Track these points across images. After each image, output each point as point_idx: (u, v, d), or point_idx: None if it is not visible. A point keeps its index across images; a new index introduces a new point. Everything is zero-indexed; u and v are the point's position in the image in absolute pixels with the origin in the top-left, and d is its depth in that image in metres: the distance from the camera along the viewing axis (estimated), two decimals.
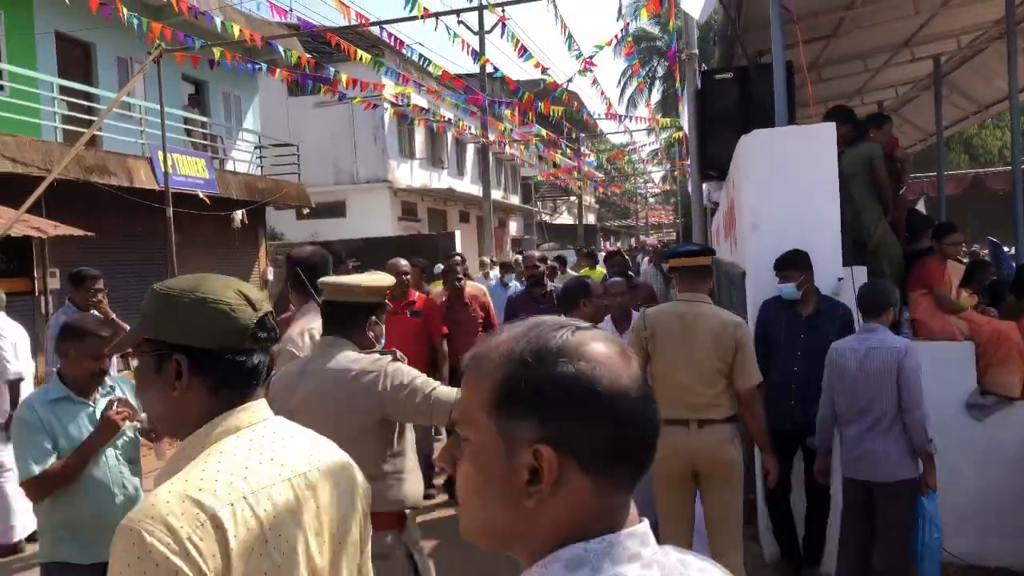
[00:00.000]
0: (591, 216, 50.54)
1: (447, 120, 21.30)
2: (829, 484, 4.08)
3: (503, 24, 12.67)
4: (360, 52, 12.12)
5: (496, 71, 16.68)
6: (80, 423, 2.99)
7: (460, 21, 14.97)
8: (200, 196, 12.93)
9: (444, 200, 27.69)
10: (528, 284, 6.77)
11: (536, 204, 38.45)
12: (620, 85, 41.64)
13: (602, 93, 25.03)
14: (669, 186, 49.51)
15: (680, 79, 12.35)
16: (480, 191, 22.72)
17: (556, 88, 15.02)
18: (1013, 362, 4.60)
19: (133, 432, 3.10)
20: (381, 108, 17.38)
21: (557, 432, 0.82)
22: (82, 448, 2.90)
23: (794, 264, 4.36)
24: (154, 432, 3.18)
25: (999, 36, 7.97)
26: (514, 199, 36.03)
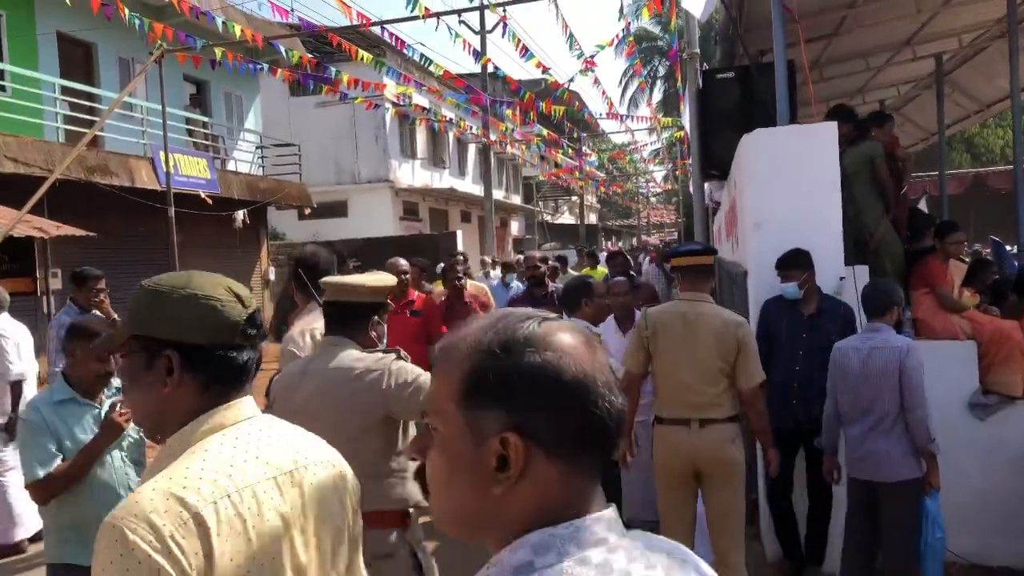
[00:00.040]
0: (593, 216, 50.53)
1: (448, 120, 21.30)
2: (837, 482, 4.07)
3: (504, 24, 12.68)
4: (361, 52, 12.13)
5: (497, 70, 16.69)
6: (85, 425, 2.98)
7: (461, 21, 14.99)
8: (202, 196, 12.95)
9: (446, 200, 27.70)
10: (529, 285, 6.70)
11: (538, 204, 38.45)
12: (621, 85, 41.70)
13: (603, 93, 25.01)
14: (671, 186, 49.54)
15: (681, 78, 12.35)
16: (482, 191, 22.72)
17: (557, 88, 15.03)
18: (1015, 361, 4.59)
19: (138, 433, 3.09)
20: (383, 108, 17.40)
21: (524, 420, 0.84)
22: (87, 450, 2.90)
23: (796, 263, 4.35)
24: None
25: (1001, 35, 7.96)
26: (516, 199, 36.03)
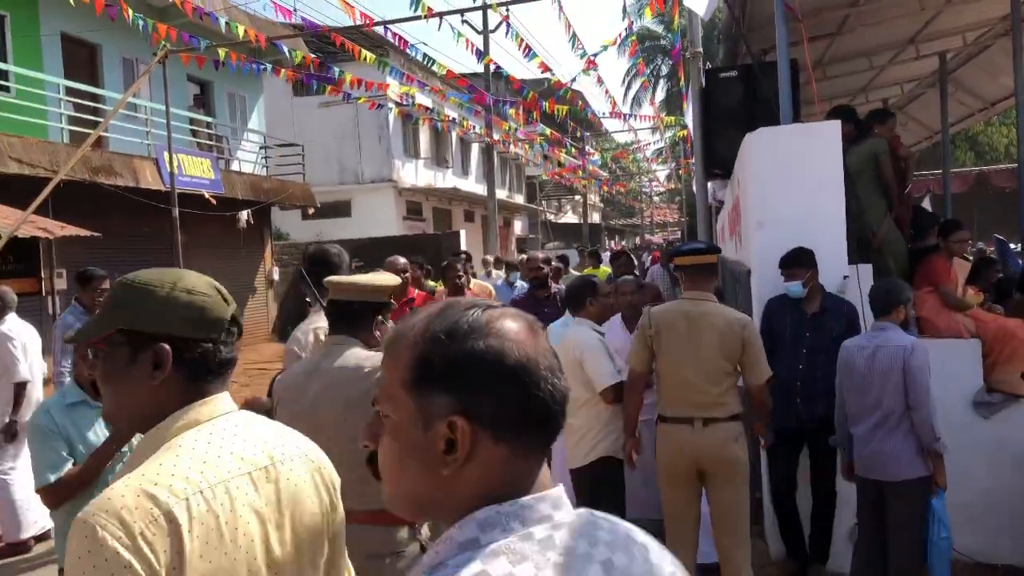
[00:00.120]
0: (596, 215, 50.53)
1: (451, 119, 21.30)
2: (854, 481, 4.06)
3: (507, 23, 12.67)
4: (364, 52, 12.14)
5: (500, 70, 16.69)
6: (97, 427, 2.95)
7: (464, 20, 14.99)
8: (206, 196, 12.97)
9: (449, 199, 27.72)
10: (532, 286, 6.60)
11: (541, 203, 38.44)
12: (624, 84, 41.67)
13: (606, 92, 25.01)
14: (674, 185, 49.49)
15: (684, 77, 12.33)
16: (485, 190, 22.75)
17: (560, 87, 15.03)
18: (1020, 359, 4.59)
19: None
20: (386, 108, 17.41)
21: (470, 404, 0.87)
22: (98, 453, 2.88)
23: (799, 262, 4.34)
24: None
25: (1005, 33, 7.94)
26: (519, 198, 36.05)
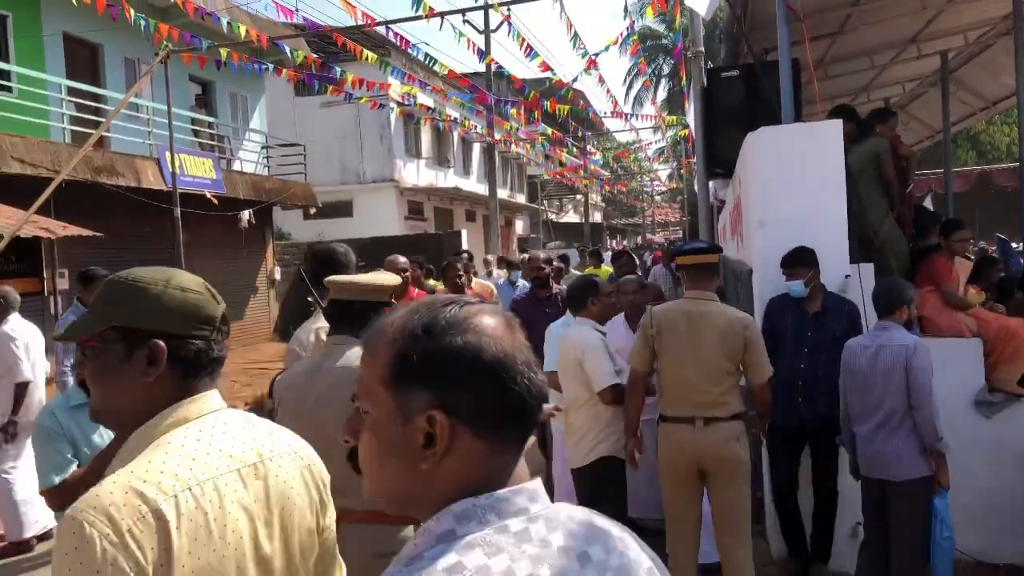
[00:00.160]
0: (597, 215, 50.52)
1: (453, 119, 21.30)
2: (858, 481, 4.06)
3: (508, 23, 12.67)
4: (366, 52, 12.15)
5: (502, 69, 16.69)
6: (102, 429, 2.94)
7: (466, 20, 15.00)
8: (207, 196, 12.98)
9: (450, 199, 27.72)
10: (533, 286, 6.54)
11: (542, 203, 38.43)
12: (626, 83, 41.65)
13: (608, 91, 25.00)
14: (675, 184, 49.47)
15: (686, 77, 12.34)
16: (486, 190, 22.74)
17: (562, 87, 15.03)
18: (1021, 359, 4.59)
19: None
20: (387, 108, 17.41)
21: (448, 399, 0.88)
22: (103, 455, 2.86)
23: (801, 261, 4.34)
24: None
25: (1007, 32, 7.94)
26: (520, 198, 36.05)
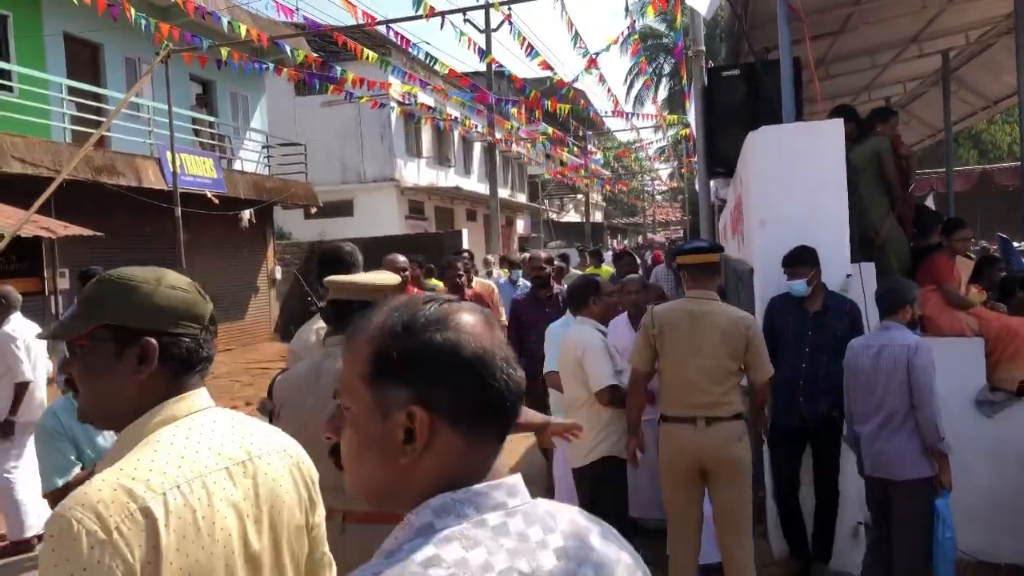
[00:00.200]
0: (598, 214, 50.52)
1: (454, 119, 21.31)
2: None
3: (509, 22, 12.67)
4: (367, 51, 12.16)
5: (503, 69, 16.69)
6: (106, 431, 2.96)
7: (467, 20, 15.03)
8: (208, 196, 12.99)
9: (451, 199, 27.72)
10: (534, 286, 6.51)
11: (543, 202, 38.45)
12: (627, 82, 41.65)
13: (609, 91, 24.98)
14: (676, 183, 49.44)
15: (687, 76, 12.33)
16: (487, 189, 22.74)
17: (563, 86, 15.02)
18: (1023, 358, 4.58)
19: None
20: (388, 107, 17.41)
21: (427, 395, 0.90)
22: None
23: (802, 260, 4.34)
24: None
25: (1008, 31, 7.93)
26: (521, 197, 36.04)
